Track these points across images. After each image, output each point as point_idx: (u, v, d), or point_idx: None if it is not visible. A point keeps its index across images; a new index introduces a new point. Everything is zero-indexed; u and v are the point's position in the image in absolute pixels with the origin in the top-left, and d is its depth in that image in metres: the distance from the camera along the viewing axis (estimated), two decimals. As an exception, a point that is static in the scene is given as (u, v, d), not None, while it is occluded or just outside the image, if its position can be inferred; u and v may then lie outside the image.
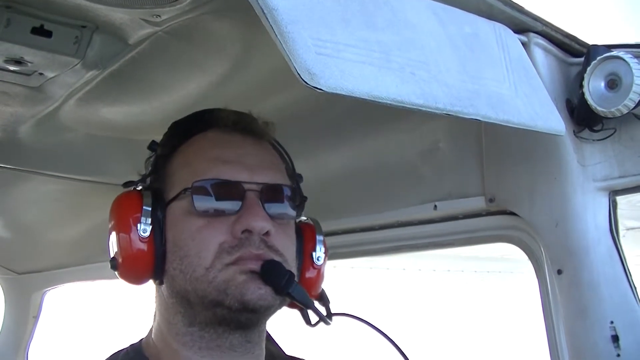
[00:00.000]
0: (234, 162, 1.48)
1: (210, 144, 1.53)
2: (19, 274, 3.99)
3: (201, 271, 1.41)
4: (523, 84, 1.59)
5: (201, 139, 1.55)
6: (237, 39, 1.78)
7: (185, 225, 1.46)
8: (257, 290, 1.40)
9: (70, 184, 2.86)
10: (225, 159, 1.49)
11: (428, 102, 1.29)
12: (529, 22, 1.74)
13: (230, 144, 1.52)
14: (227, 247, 1.41)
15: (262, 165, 1.51)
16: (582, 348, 1.73)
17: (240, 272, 1.40)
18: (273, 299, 1.42)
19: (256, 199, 1.45)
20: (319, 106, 2.13)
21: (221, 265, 1.41)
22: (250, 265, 1.41)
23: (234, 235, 1.42)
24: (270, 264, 1.42)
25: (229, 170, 1.47)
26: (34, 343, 3.99)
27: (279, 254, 1.45)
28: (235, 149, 1.51)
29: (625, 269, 1.73)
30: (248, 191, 1.45)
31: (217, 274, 1.40)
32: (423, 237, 2.26)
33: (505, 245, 2.04)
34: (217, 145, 1.52)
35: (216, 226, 1.43)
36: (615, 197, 1.77)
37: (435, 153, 2.11)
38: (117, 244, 1.49)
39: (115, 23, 1.69)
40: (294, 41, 1.12)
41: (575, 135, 1.75)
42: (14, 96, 2.05)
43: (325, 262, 1.65)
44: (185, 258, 1.44)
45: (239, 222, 1.42)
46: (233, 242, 1.42)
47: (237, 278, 1.40)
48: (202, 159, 1.50)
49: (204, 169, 1.47)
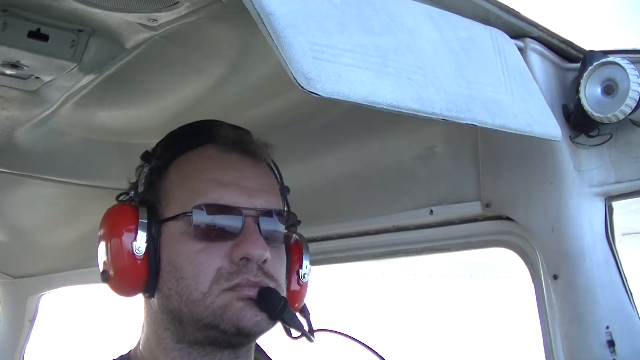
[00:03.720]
0: (233, 186, 1.46)
1: (209, 164, 1.50)
2: (15, 278, 3.98)
3: (198, 295, 1.40)
4: (519, 89, 1.59)
5: (199, 156, 1.52)
6: (234, 43, 1.78)
7: (183, 247, 1.44)
8: (253, 317, 1.40)
9: (67, 187, 2.86)
10: (224, 181, 1.47)
11: (424, 107, 1.29)
12: (526, 27, 1.74)
13: (229, 164, 1.50)
14: (224, 273, 1.40)
15: (260, 189, 1.49)
16: (578, 353, 1.73)
17: (237, 298, 1.39)
18: (267, 324, 1.43)
19: (254, 225, 1.44)
20: (315, 110, 2.13)
21: (218, 291, 1.40)
22: (247, 293, 1.40)
23: (232, 261, 1.41)
24: (266, 292, 1.41)
25: (228, 194, 1.45)
26: (30, 347, 3.98)
27: (273, 280, 1.45)
28: (234, 170, 1.49)
29: (621, 274, 1.73)
30: (247, 217, 1.44)
31: (214, 299, 1.40)
32: (419, 242, 2.26)
33: (502, 250, 2.04)
34: (216, 165, 1.50)
35: (214, 251, 1.42)
36: (612, 203, 1.77)
37: (432, 158, 2.11)
38: (109, 257, 1.47)
39: (112, 27, 1.69)
40: (290, 46, 1.12)
41: (571, 140, 1.76)
42: (10, 100, 2.05)
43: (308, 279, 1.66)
44: (181, 280, 1.42)
45: (238, 248, 1.41)
46: (231, 268, 1.41)
47: (235, 304, 1.39)
48: (200, 179, 1.47)
49: (203, 190, 1.45)
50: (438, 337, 11.98)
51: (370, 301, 11.61)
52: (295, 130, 2.23)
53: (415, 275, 12.03)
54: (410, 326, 11.70)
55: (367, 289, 11.38)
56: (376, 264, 8.85)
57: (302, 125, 2.22)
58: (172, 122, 2.03)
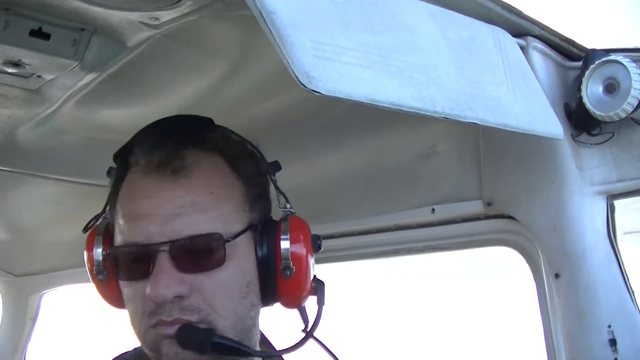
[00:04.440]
0: (144, 218, 1.36)
1: (128, 195, 1.43)
2: (17, 276, 3.98)
3: (136, 329, 1.41)
4: (521, 87, 1.59)
5: (125, 185, 1.46)
6: (236, 41, 1.78)
7: (120, 282, 1.44)
8: (176, 355, 1.36)
9: (69, 186, 2.86)
10: (136, 214, 1.38)
11: (426, 106, 1.29)
12: (527, 26, 1.74)
13: (142, 192, 1.39)
14: (147, 311, 1.37)
15: (176, 214, 1.35)
16: (579, 352, 1.73)
17: (161, 336, 1.37)
18: (199, 358, 1.36)
19: (166, 260, 1.34)
20: (317, 109, 2.13)
21: (146, 328, 1.38)
22: (166, 331, 1.35)
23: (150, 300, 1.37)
24: (183, 329, 1.35)
25: (139, 228, 1.36)
26: (32, 345, 3.98)
27: (197, 313, 1.36)
28: (148, 199, 1.37)
29: (623, 272, 1.73)
30: (158, 252, 1.34)
31: (145, 335, 1.39)
32: (421, 241, 2.26)
33: (503, 249, 2.04)
34: (132, 197, 1.41)
35: (137, 290, 1.38)
36: (613, 201, 1.77)
37: (433, 156, 2.11)
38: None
39: (113, 26, 1.69)
40: (292, 44, 1.12)
41: (573, 139, 1.76)
42: (12, 98, 2.05)
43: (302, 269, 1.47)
44: (128, 311, 1.43)
45: (148, 289, 1.35)
46: (151, 307, 1.36)
47: (161, 342, 1.37)
48: (122, 214, 1.42)
49: (123, 227, 1.40)
50: (440, 335, 11.98)
51: (371, 300, 11.61)
52: (297, 129, 2.23)
53: (416, 274, 12.02)
54: (412, 324, 11.70)
55: (368, 288, 11.38)
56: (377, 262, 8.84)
57: (303, 123, 2.22)
58: (174, 121, 2.03)
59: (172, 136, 1.43)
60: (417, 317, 12.06)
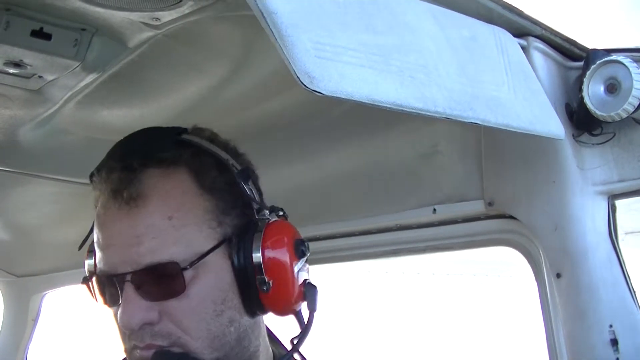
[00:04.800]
0: (106, 248, 1.36)
1: (96, 222, 1.41)
2: (18, 277, 3.98)
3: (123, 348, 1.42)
4: (522, 87, 1.59)
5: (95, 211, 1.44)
6: (237, 42, 1.78)
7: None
8: None
9: (70, 186, 2.86)
10: (101, 243, 1.38)
11: (427, 106, 1.29)
12: (529, 26, 1.74)
13: (104, 222, 1.38)
14: (125, 335, 1.38)
15: (134, 243, 1.33)
16: (581, 351, 1.73)
17: (139, 358, 1.37)
18: None
19: (131, 289, 1.33)
20: (318, 109, 2.13)
21: (128, 349, 1.39)
22: (143, 354, 1.36)
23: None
24: (157, 355, 1.34)
25: (104, 259, 1.37)
26: (33, 346, 3.98)
27: (167, 337, 1.35)
28: (107, 229, 1.37)
29: (624, 272, 1.73)
30: (123, 282, 1.33)
31: (129, 355, 1.40)
32: (422, 241, 2.26)
33: (505, 248, 2.04)
34: (96, 225, 1.40)
35: (114, 315, 1.40)
36: (615, 201, 1.77)
37: (435, 156, 2.11)
38: None
39: (114, 26, 1.69)
40: (293, 44, 1.12)
41: (574, 139, 1.76)
42: (13, 99, 2.05)
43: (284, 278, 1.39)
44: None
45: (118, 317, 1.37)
46: (125, 332, 1.37)
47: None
48: (94, 241, 1.42)
49: (96, 254, 1.41)
50: (441, 335, 11.99)
51: (372, 300, 11.62)
52: (298, 129, 2.23)
53: (418, 274, 12.03)
54: (413, 324, 11.71)
55: (369, 288, 11.38)
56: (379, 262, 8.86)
57: (304, 124, 2.22)
58: (175, 121, 2.02)
59: (127, 159, 1.39)
60: (418, 317, 12.07)
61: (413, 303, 12.39)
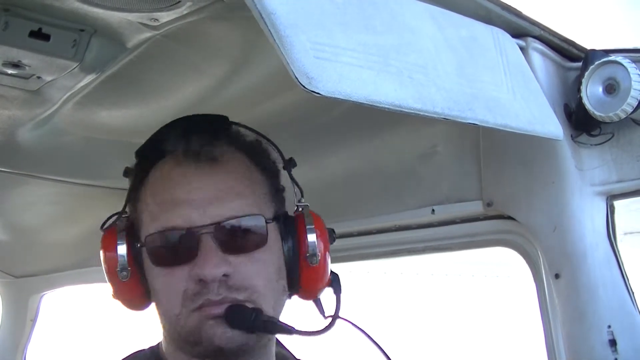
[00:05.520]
0: (183, 204, 1.42)
1: (162, 183, 1.47)
2: (17, 277, 3.98)
3: (173, 317, 1.42)
4: (521, 88, 1.59)
5: (157, 173, 1.50)
6: (236, 42, 1.78)
7: (153, 272, 1.45)
8: (224, 334, 1.38)
9: (68, 187, 2.86)
10: (175, 200, 1.42)
11: (426, 107, 1.29)
12: (527, 26, 1.74)
13: (180, 180, 1.44)
14: (190, 295, 1.40)
15: (216, 198, 1.42)
16: (579, 352, 1.73)
17: (206, 317, 1.39)
18: (245, 338, 1.40)
19: (210, 242, 1.39)
20: (316, 110, 2.13)
21: (187, 312, 1.40)
22: (213, 311, 1.39)
23: (194, 282, 1.40)
24: (233, 309, 1.39)
25: (178, 214, 1.41)
26: (32, 346, 3.98)
27: (242, 291, 1.41)
28: (185, 185, 1.43)
29: (623, 273, 1.73)
30: (201, 234, 1.39)
31: (186, 320, 1.40)
32: (421, 241, 2.26)
33: (503, 249, 2.04)
34: (167, 184, 1.45)
35: (177, 274, 1.41)
36: (613, 202, 1.77)
37: (433, 157, 2.11)
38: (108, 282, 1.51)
39: (113, 26, 1.69)
40: (292, 45, 1.12)
41: (573, 139, 1.76)
42: (12, 99, 2.05)
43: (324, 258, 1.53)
44: (159, 302, 1.46)
45: (194, 270, 1.39)
46: (195, 289, 1.39)
47: (205, 323, 1.39)
48: (155, 202, 1.45)
49: (157, 215, 1.43)
50: (440, 336, 11.98)
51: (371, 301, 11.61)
52: (296, 130, 2.23)
53: (416, 275, 12.03)
54: (412, 325, 11.70)
55: (367, 289, 11.38)
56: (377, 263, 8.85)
57: (303, 124, 2.22)
58: (174, 121, 2.02)
59: (201, 128, 1.51)
60: (417, 317, 12.06)
61: (412, 304, 12.38)
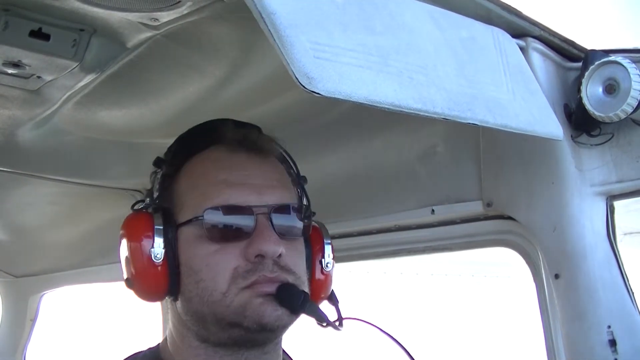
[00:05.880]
0: (241, 185, 1.47)
1: (216, 165, 1.51)
2: (17, 277, 3.98)
3: (218, 296, 1.42)
4: (521, 88, 1.59)
5: (206, 159, 1.54)
6: (236, 42, 1.78)
7: (198, 250, 1.46)
8: (274, 312, 1.41)
9: (68, 187, 2.86)
10: (232, 181, 1.48)
11: (426, 107, 1.29)
12: (527, 26, 1.74)
13: (235, 164, 1.51)
14: (241, 272, 1.42)
15: (269, 185, 1.50)
16: (579, 352, 1.73)
17: (256, 295, 1.41)
18: (289, 318, 1.44)
19: (267, 222, 1.45)
20: (316, 110, 2.13)
21: (237, 290, 1.42)
22: (265, 289, 1.42)
23: (248, 259, 1.43)
24: (285, 287, 1.43)
25: (237, 193, 1.46)
26: (31, 346, 3.98)
27: (291, 273, 1.46)
28: (241, 170, 1.50)
29: (623, 273, 1.73)
30: (258, 214, 1.45)
31: (233, 298, 1.42)
32: (420, 241, 2.26)
33: (503, 249, 2.04)
34: (223, 166, 1.51)
35: (229, 251, 1.44)
36: (613, 202, 1.76)
37: (433, 157, 2.10)
38: (131, 266, 1.49)
39: (113, 26, 1.69)
40: (292, 45, 1.12)
41: (573, 140, 1.76)
42: (11, 99, 2.05)
43: (333, 266, 1.65)
44: (200, 282, 1.45)
45: (252, 246, 1.43)
46: (247, 267, 1.42)
47: (254, 301, 1.41)
48: (209, 182, 1.49)
49: (212, 193, 1.47)
50: (440, 336, 11.99)
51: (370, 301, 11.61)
52: (296, 130, 2.23)
53: (416, 275, 12.03)
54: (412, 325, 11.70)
55: (367, 289, 11.38)
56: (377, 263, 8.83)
57: (303, 124, 2.22)
58: (174, 122, 2.02)
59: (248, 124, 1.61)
60: (417, 317, 12.06)
61: (412, 304, 12.38)
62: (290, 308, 1.42)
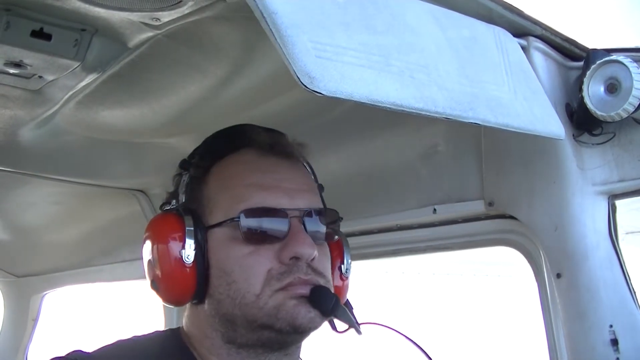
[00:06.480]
0: (273, 188, 1.48)
1: (247, 168, 1.51)
2: (18, 277, 3.99)
3: (251, 297, 1.42)
4: (522, 87, 1.59)
5: (236, 161, 1.54)
6: (237, 42, 1.78)
7: (231, 252, 1.45)
8: (307, 314, 1.42)
9: (70, 186, 2.86)
10: (265, 184, 1.48)
11: (427, 106, 1.29)
12: (529, 26, 1.74)
13: (267, 168, 1.52)
14: (275, 274, 1.42)
15: (300, 189, 1.52)
16: (581, 351, 1.73)
17: (290, 297, 1.42)
18: (321, 320, 1.45)
19: (300, 225, 1.46)
20: (318, 109, 2.13)
21: (271, 292, 1.42)
22: (300, 291, 1.42)
23: (282, 261, 1.43)
24: (318, 290, 1.44)
25: (271, 196, 1.47)
26: (33, 345, 3.99)
27: (322, 277, 1.47)
28: (272, 173, 1.51)
29: (625, 272, 1.73)
30: (292, 217, 1.46)
31: (267, 300, 1.42)
32: (422, 241, 2.26)
33: (505, 248, 2.04)
34: (254, 169, 1.51)
35: (262, 253, 1.44)
36: (615, 201, 1.76)
37: (435, 156, 2.10)
38: (159, 267, 1.48)
39: (114, 26, 1.69)
40: (293, 45, 1.12)
41: (574, 139, 1.75)
42: (13, 99, 2.05)
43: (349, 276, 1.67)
44: (232, 284, 1.44)
45: (287, 249, 1.43)
46: (281, 269, 1.43)
47: (288, 303, 1.41)
48: (241, 184, 1.49)
49: (245, 195, 1.47)
50: (441, 334, 11.99)
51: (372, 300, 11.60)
52: (298, 129, 2.22)
53: (418, 274, 12.04)
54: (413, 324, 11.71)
55: (369, 288, 11.38)
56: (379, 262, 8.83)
57: (304, 124, 2.22)
58: (175, 121, 2.02)
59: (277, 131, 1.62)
60: (418, 316, 12.07)
61: (413, 303, 12.39)
62: (322, 310, 1.43)
